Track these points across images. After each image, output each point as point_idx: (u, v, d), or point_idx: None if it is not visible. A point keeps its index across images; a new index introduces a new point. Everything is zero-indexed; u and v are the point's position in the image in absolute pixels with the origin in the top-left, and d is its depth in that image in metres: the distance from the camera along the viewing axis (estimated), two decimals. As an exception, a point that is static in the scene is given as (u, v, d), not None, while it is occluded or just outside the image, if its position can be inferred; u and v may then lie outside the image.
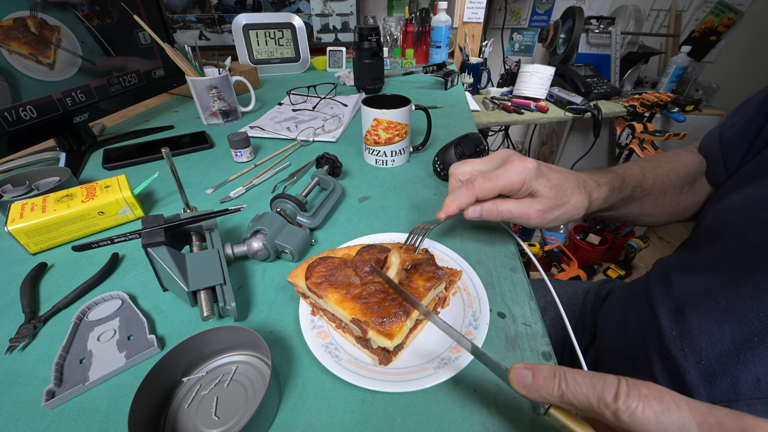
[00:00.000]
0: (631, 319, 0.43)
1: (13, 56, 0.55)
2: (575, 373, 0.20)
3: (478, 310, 0.35)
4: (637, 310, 0.42)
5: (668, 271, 0.40)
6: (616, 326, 0.45)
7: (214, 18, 1.26)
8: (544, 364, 0.22)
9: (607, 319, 0.49)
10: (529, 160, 0.35)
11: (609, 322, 0.48)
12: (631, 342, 0.41)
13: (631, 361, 0.40)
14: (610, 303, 0.51)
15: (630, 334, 0.42)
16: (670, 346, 0.35)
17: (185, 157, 0.69)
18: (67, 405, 0.29)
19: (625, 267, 1.63)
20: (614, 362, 0.44)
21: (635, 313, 0.43)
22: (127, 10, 0.72)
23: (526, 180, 0.35)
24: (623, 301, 0.47)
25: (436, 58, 1.28)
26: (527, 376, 0.22)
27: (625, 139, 1.31)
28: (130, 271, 0.43)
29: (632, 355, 0.40)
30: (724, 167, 0.43)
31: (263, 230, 0.42)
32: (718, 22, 1.58)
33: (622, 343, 0.43)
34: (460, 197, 0.36)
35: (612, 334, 0.46)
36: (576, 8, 1.31)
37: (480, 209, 0.36)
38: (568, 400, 0.20)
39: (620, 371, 0.42)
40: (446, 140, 0.60)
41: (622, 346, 0.43)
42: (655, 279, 0.42)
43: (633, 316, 0.43)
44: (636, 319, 0.42)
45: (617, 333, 0.45)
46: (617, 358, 0.43)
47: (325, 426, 0.28)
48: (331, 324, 0.35)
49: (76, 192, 0.48)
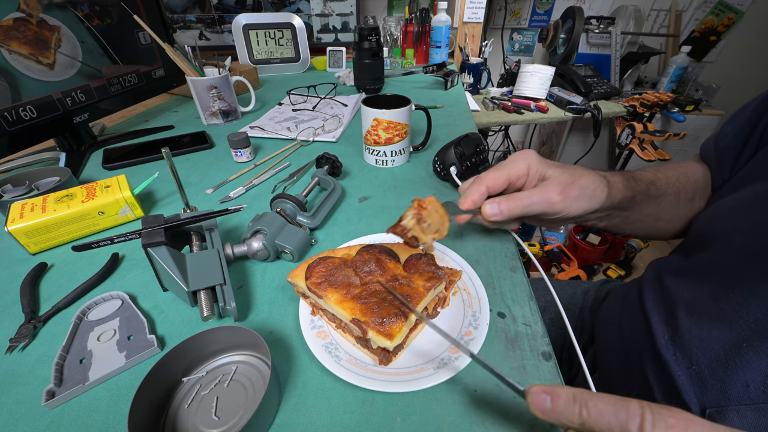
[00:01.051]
0: (625, 322, 0.43)
1: (13, 56, 0.55)
2: (597, 400, 0.20)
3: (478, 310, 0.35)
4: (631, 313, 0.42)
5: (661, 274, 0.40)
6: (612, 328, 0.45)
7: (214, 18, 1.26)
8: (561, 387, 0.22)
9: (604, 320, 0.49)
10: (528, 150, 0.36)
11: (606, 324, 0.48)
12: (625, 344, 0.41)
13: (625, 363, 0.41)
14: (607, 304, 0.51)
15: (625, 336, 0.42)
16: (662, 350, 0.35)
17: (185, 157, 0.69)
18: (67, 405, 0.29)
19: (625, 267, 1.63)
20: (611, 364, 0.44)
21: (629, 316, 0.43)
22: (127, 10, 0.72)
23: (530, 164, 0.35)
24: (619, 303, 0.47)
25: (436, 58, 1.28)
26: (546, 400, 0.21)
27: (625, 139, 1.31)
28: (130, 271, 0.43)
29: (627, 358, 0.40)
30: (720, 175, 0.43)
31: (263, 230, 0.42)
32: (718, 22, 1.58)
33: (617, 345, 0.43)
34: (471, 192, 0.36)
35: (608, 335, 0.46)
36: (576, 8, 1.31)
37: (497, 204, 0.35)
38: (590, 428, 0.20)
39: (616, 374, 0.42)
40: (446, 140, 0.60)
41: (618, 348, 0.43)
42: (648, 281, 0.42)
43: (627, 319, 0.43)
44: (630, 321, 0.42)
45: (613, 335, 0.45)
46: (613, 360, 0.43)
47: (325, 426, 0.28)
48: (331, 324, 0.35)
49: (76, 192, 0.48)
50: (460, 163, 0.54)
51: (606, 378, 0.45)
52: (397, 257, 0.37)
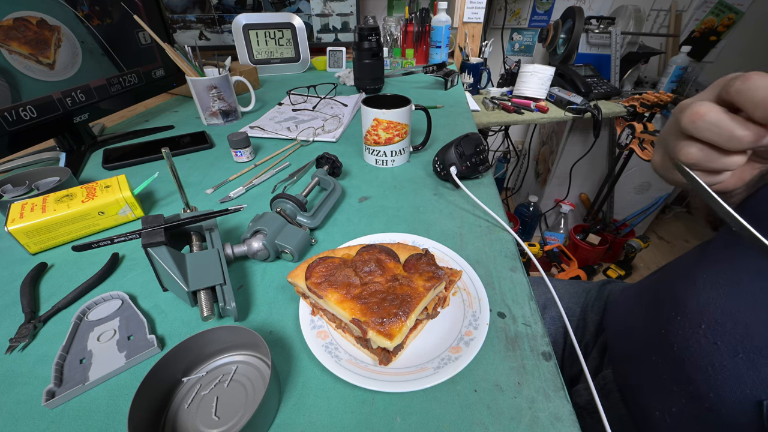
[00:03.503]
0: (651, 314, 0.41)
1: (13, 56, 0.55)
2: None
3: (478, 310, 0.35)
4: (658, 305, 0.41)
5: (694, 270, 0.38)
6: (631, 322, 0.44)
7: (214, 18, 1.26)
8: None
9: (618, 315, 0.48)
10: None
11: (621, 318, 0.47)
12: (652, 338, 0.40)
13: (655, 353, 0.39)
14: (622, 300, 0.50)
15: (650, 329, 0.40)
16: (700, 340, 0.33)
17: (185, 157, 0.69)
18: (67, 405, 0.29)
19: (625, 267, 1.63)
20: (631, 357, 0.43)
21: (656, 307, 0.41)
22: (127, 10, 0.72)
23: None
24: (638, 298, 0.46)
25: (436, 58, 1.28)
26: None
27: (625, 139, 1.31)
28: (130, 271, 0.43)
29: (655, 350, 0.39)
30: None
31: (263, 230, 0.42)
32: (718, 22, 1.58)
33: (641, 336, 0.42)
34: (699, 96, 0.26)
35: (626, 329, 0.45)
36: (576, 8, 1.31)
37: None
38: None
39: (642, 366, 0.40)
40: (446, 140, 0.60)
41: (642, 341, 0.41)
42: (682, 274, 0.40)
43: (653, 311, 0.41)
44: (656, 313, 0.40)
45: (633, 329, 0.43)
46: (636, 353, 0.42)
47: (325, 426, 0.28)
48: (331, 324, 0.35)
49: (76, 192, 0.48)
50: (460, 163, 0.54)
51: (624, 372, 0.44)
52: (397, 257, 0.37)
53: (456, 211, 0.51)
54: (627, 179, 1.59)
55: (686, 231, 1.94)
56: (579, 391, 0.48)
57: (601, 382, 0.46)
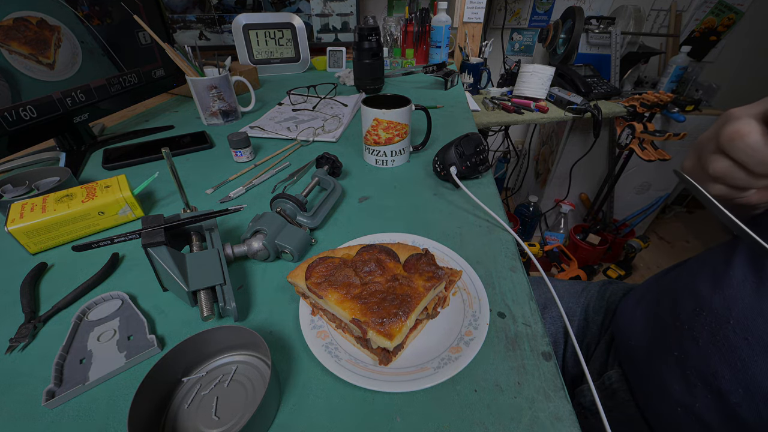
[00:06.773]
0: (670, 311, 0.41)
1: (13, 56, 0.55)
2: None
3: (478, 310, 0.35)
4: (678, 303, 0.40)
5: (716, 268, 0.38)
6: (645, 321, 0.44)
7: (214, 18, 1.26)
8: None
9: (630, 314, 0.47)
10: None
11: (634, 317, 0.46)
12: (673, 335, 0.39)
13: (677, 349, 0.38)
14: (632, 299, 0.49)
15: (669, 326, 0.40)
16: (728, 335, 0.33)
17: (185, 157, 0.69)
18: (67, 405, 0.29)
19: (625, 267, 1.63)
20: (647, 355, 0.42)
21: (676, 305, 0.40)
22: (127, 10, 0.72)
23: None
24: (653, 295, 0.45)
25: (436, 58, 1.28)
26: None
27: (625, 139, 1.31)
28: (130, 271, 0.43)
29: (677, 346, 0.38)
30: None
31: (263, 230, 0.42)
32: (718, 22, 1.58)
33: (659, 334, 0.41)
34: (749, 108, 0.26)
35: (640, 328, 0.44)
36: (576, 8, 1.31)
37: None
38: None
39: (660, 364, 0.39)
40: (446, 140, 0.60)
41: (660, 338, 0.41)
42: (704, 272, 0.39)
43: (673, 308, 0.40)
44: (677, 310, 0.40)
45: (649, 327, 0.43)
46: (652, 351, 0.41)
47: (325, 426, 0.28)
48: (331, 324, 0.35)
49: (76, 192, 0.48)
50: (460, 163, 0.54)
51: (637, 372, 0.43)
52: (397, 257, 0.37)
53: (456, 211, 0.51)
54: (627, 179, 1.59)
55: (686, 231, 1.94)
56: (583, 392, 0.47)
57: (606, 382, 0.46)
